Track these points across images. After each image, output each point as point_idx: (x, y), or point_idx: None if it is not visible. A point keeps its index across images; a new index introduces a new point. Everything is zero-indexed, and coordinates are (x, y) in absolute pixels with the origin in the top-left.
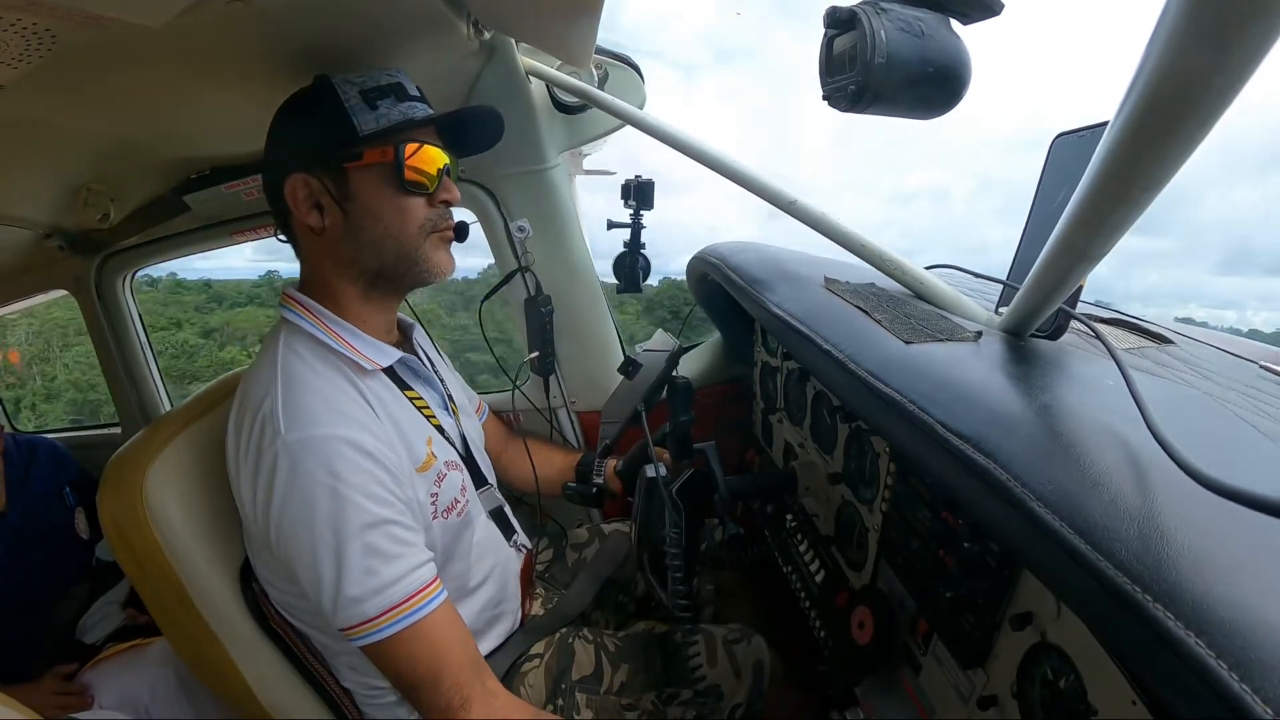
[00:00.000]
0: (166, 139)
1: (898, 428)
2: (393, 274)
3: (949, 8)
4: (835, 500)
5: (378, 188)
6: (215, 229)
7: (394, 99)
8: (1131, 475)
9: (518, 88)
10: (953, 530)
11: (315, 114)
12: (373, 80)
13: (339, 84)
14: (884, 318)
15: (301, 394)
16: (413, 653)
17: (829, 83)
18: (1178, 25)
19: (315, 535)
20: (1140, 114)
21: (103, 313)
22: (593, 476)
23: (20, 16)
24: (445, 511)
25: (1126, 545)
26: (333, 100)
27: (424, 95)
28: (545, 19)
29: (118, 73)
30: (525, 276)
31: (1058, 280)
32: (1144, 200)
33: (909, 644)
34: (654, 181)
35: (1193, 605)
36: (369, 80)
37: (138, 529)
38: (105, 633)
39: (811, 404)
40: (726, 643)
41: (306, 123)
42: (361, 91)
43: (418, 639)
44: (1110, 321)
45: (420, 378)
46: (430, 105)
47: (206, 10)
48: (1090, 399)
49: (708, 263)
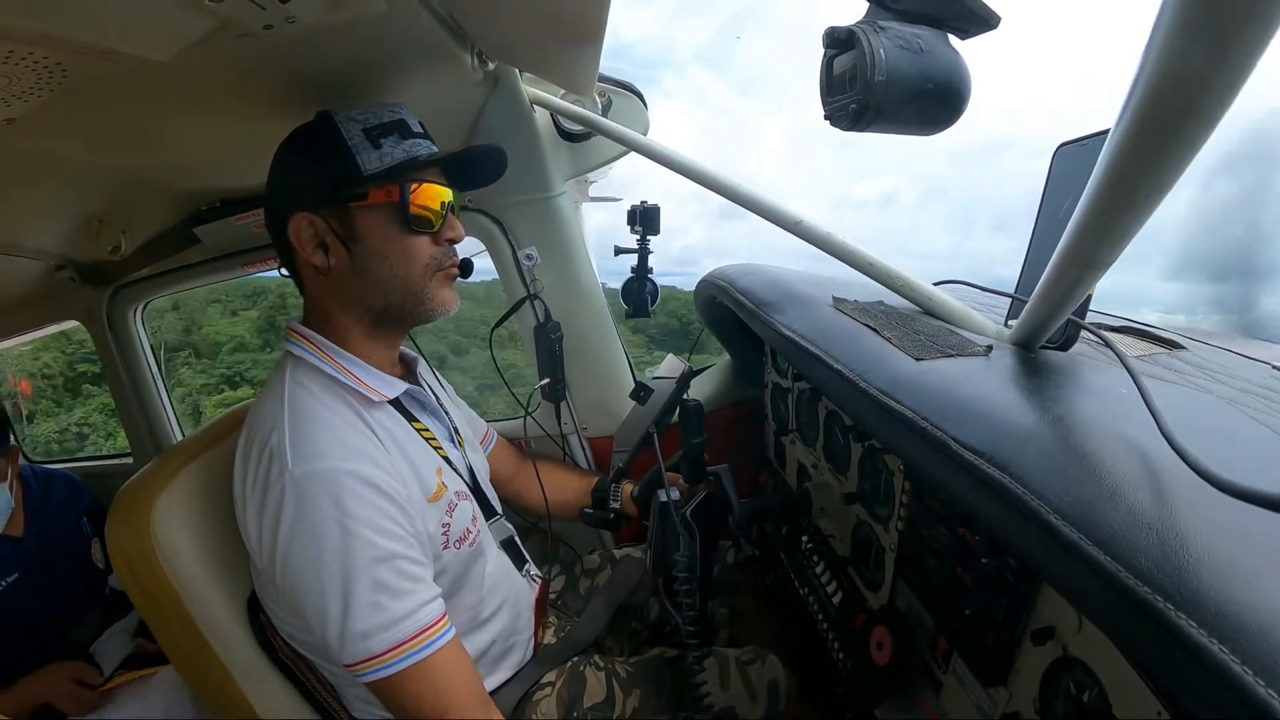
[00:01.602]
0: (177, 171)
1: (911, 445)
2: (398, 313)
3: (947, 24)
4: (850, 520)
5: (383, 227)
6: (226, 260)
7: (397, 136)
8: (1148, 483)
9: (522, 117)
10: (970, 547)
11: (318, 152)
12: (375, 118)
13: (341, 121)
14: (894, 335)
15: (308, 427)
16: (419, 690)
17: (830, 102)
18: (1173, 28)
19: (322, 570)
20: (1141, 119)
21: (114, 343)
22: (609, 502)
23: (31, 51)
24: (458, 542)
25: (1146, 554)
26: (335, 138)
27: (426, 130)
28: (548, 49)
29: (128, 106)
30: (534, 303)
31: (1066, 291)
32: (1150, 205)
33: (929, 663)
34: (659, 207)
35: (1216, 612)
36: (371, 118)
37: (145, 559)
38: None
39: (824, 424)
40: (740, 664)
41: (309, 161)
42: (365, 129)
43: (425, 676)
44: (1120, 329)
45: (426, 409)
46: (433, 139)
47: (215, 44)
48: (1103, 408)
49: (715, 286)
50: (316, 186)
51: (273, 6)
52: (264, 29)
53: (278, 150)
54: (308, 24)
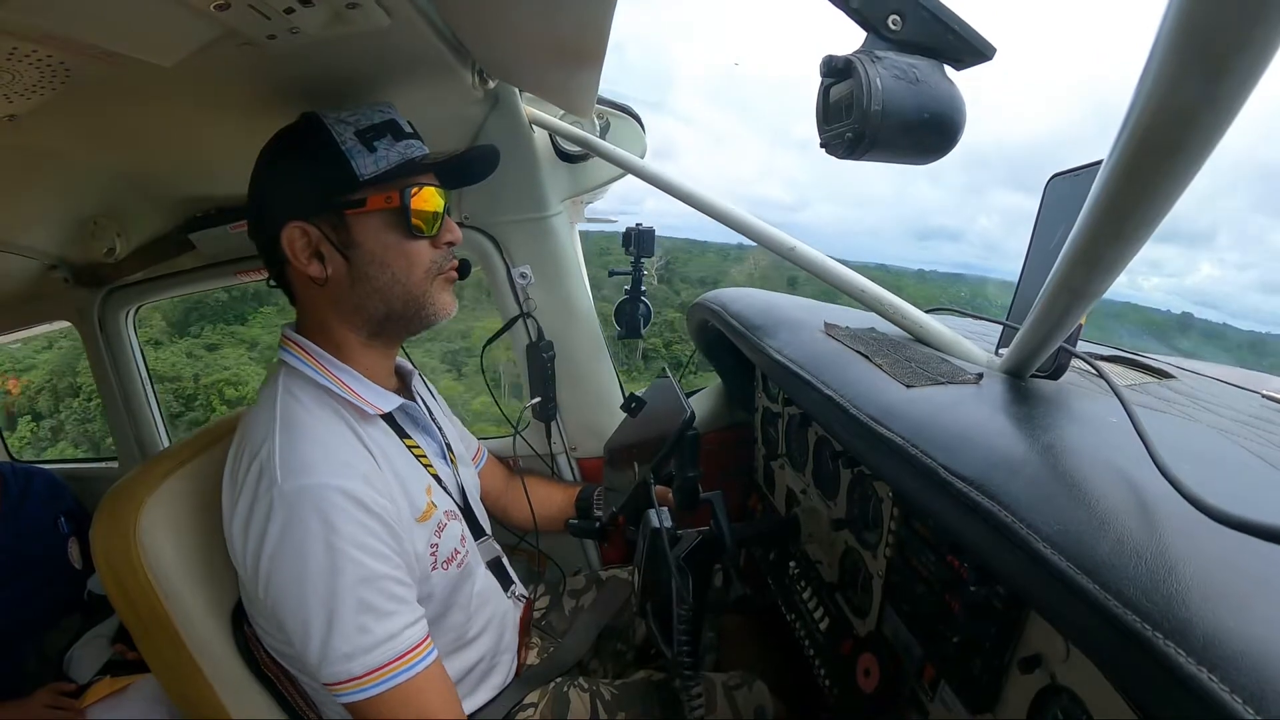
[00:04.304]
0: (175, 176)
1: (901, 472)
2: (399, 319)
3: (943, 55)
4: (839, 546)
5: (383, 233)
6: (220, 267)
7: (390, 138)
8: (1138, 512)
9: (521, 136)
10: (958, 574)
11: (309, 157)
12: (366, 119)
13: (332, 124)
14: (884, 362)
15: (299, 441)
16: (397, 714)
17: (826, 130)
18: (1167, 62)
19: (306, 588)
20: (1134, 151)
21: (104, 346)
22: (593, 510)
23: (35, 49)
24: (445, 562)
25: (1135, 583)
26: (326, 141)
27: (415, 129)
28: (549, 70)
29: (129, 108)
30: (527, 322)
31: (1057, 319)
32: (1141, 235)
33: (916, 690)
34: (654, 229)
35: (1205, 641)
36: (363, 119)
37: (129, 565)
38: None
39: (813, 449)
40: (727, 689)
41: (299, 167)
42: (357, 131)
43: (404, 699)
44: (1110, 359)
45: (419, 426)
46: (422, 139)
47: (218, 51)
48: (1094, 437)
49: (708, 309)
50: (309, 193)
51: (277, 17)
52: (267, 39)
53: (260, 156)
54: (311, 36)
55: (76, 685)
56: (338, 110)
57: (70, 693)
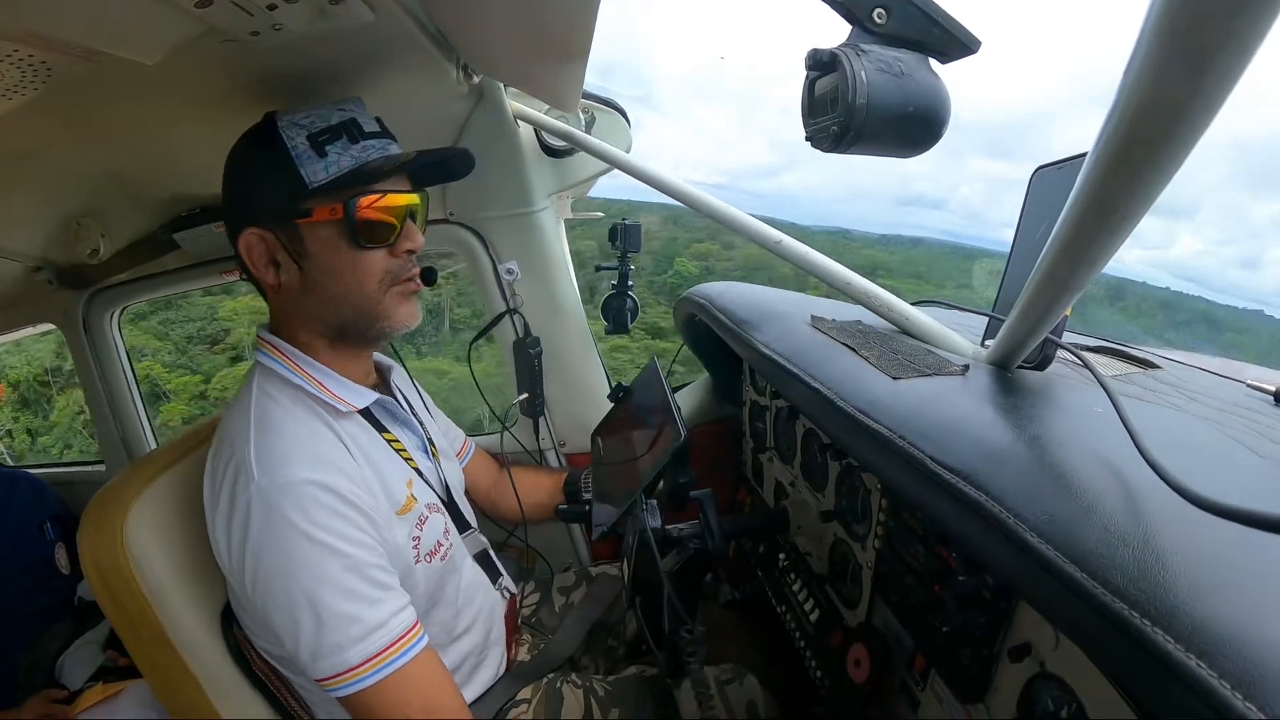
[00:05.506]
0: (158, 175)
1: (888, 464)
2: (354, 330)
3: (928, 48)
4: (828, 538)
5: (334, 244)
6: (206, 267)
7: (346, 140)
8: (1125, 500)
9: (506, 131)
10: (947, 564)
11: (262, 163)
12: (323, 120)
13: (285, 127)
14: (871, 354)
15: (275, 437)
16: (404, 696)
17: (812, 124)
18: (1152, 54)
19: (291, 582)
20: (1118, 143)
21: (89, 348)
22: (581, 494)
23: (17, 48)
24: (429, 555)
25: (1123, 571)
26: (279, 147)
27: (385, 127)
28: (534, 65)
29: (112, 107)
30: (514, 318)
31: (1043, 311)
32: (1126, 227)
33: (907, 680)
34: (641, 225)
35: (1192, 627)
36: (318, 120)
37: (117, 569)
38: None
39: (801, 442)
40: (719, 684)
41: (255, 173)
42: (310, 135)
43: (402, 685)
44: (1096, 350)
45: (398, 420)
46: (393, 135)
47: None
48: (1080, 427)
49: (695, 303)
50: (261, 201)
51: (260, 14)
52: (250, 35)
53: (228, 157)
54: (294, 32)
55: (68, 692)
56: (296, 111)
57: (62, 699)
